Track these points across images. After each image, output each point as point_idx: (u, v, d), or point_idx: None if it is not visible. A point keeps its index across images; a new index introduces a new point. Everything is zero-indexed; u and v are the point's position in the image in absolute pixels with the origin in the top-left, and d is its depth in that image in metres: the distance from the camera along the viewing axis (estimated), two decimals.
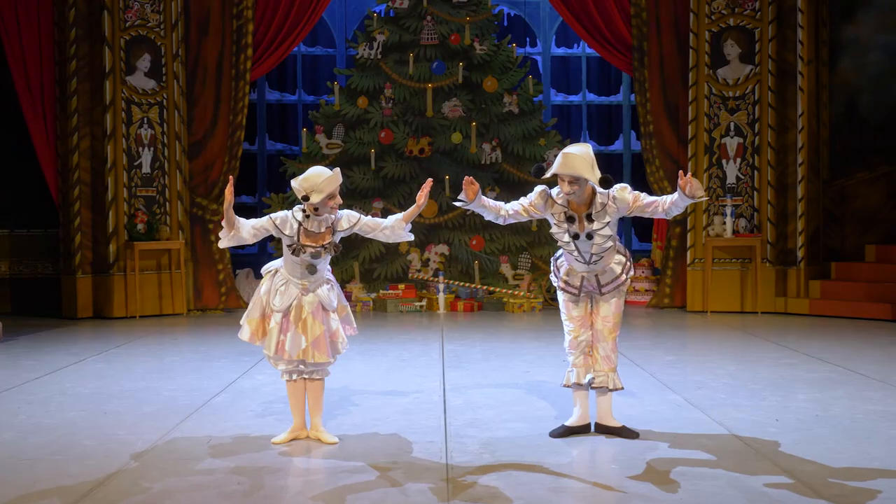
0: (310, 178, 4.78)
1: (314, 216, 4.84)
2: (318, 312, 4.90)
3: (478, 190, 4.95)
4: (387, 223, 4.97)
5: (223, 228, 4.90)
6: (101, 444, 4.93)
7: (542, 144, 11.19)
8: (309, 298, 4.91)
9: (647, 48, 10.74)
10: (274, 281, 4.95)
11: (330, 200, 4.80)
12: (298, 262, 4.88)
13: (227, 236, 4.90)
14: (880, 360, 7.24)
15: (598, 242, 4.83)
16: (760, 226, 10.39)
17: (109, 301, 10.17)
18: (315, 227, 4.84)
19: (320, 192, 4.75)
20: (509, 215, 5.01)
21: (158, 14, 10.38)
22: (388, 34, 11.29)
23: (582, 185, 4.75)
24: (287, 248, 4.89)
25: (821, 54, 10.49)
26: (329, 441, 4.93)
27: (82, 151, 10.18)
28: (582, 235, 4.82)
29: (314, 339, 4.87)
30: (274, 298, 4.91)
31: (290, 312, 4.89)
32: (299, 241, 4.84)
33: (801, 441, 4.87)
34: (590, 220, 4.80)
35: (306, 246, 4.83)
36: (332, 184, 4.76)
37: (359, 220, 4.96)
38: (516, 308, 10.55)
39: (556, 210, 4.88)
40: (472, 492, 4.10)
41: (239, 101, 10.72)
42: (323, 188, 4.74)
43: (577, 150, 4.73)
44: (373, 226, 4.97)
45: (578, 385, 5.05)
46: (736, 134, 10.44)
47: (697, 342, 8.64)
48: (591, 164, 4.72)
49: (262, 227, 4.91)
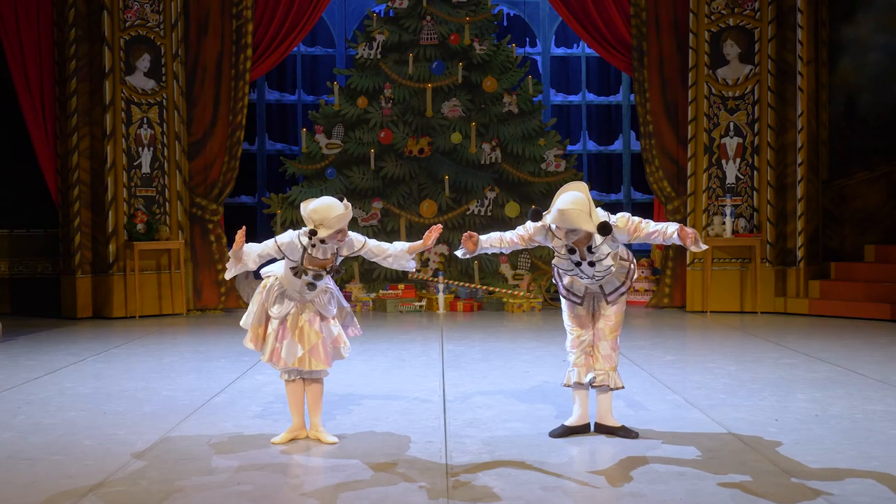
0: (320, 212, 4.70)
1: (320, 245, 4.80)
2: (315, 320, 4.89)
3: (477, 241, 4.89)
4: (391, 251, 4.95)
5: (230, 260, 4.89)
6: (101, 444, 4.93)
7: (541, 144, 11.19)
8: (306, 307, 4.90)
9: (647, 48, 10.74)
10: (271, 287, 4.94)
11: (338, 235, 4.77)
12: (297, 278, 4.86)
13: (233, 268, 4.90)
14: (880, 360, 7.24)
15: (601, 269, 4.82)
16: (760, 226, 10.39)
17: (109, 301, 10.17)
18: (321, 254, 4.81)
19: (329, 228, 4.69)
20: (509, 245, 4.96)
21: (158, 14, 10.38)
22: (388, 34, 11.29)
23: (580, 232, 4.69)
24: (289, 269, 4.86)
25: (820, 54, 10.49)
26: (328, 441, 4.93)
27: (82, 151, 10.18)
28: (584, 262, 4.81)
29: (311, 348, 4.86)
30: (272, 307, 4.90)
31: (286, 320, 4.89)
32: (303, 264, 4.82)
33: (801, 441, 4.87)
34: (590, 251, 4.77)
35: (309, 269, 4.82)
36: (342, 221, 4.71)
37: (364, 244, 4.94)
38: (516, 308, 10.55)
39: (557, 243, 4.83)
40: (472, 491, 4.10)
41: (238, 101, 10.72)
42: (332, 225, 4.69)
43: (572, 204, 4.59)
44: (377, 252, 4.95)
45: (579, 384, 5.05)
46: (735, 134, 10.44)
47: (697, 342, 8.65)
48: (588, 211, 4.63)
49: (267, 254, 4.90)
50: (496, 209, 11.18)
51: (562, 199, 4.66)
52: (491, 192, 11.17)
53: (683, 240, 4.67)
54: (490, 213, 11.18)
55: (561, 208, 4.61)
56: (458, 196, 11.23)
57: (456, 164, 11.26)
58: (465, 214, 11.17)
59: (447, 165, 11.25)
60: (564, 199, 4.65)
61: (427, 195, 11.22)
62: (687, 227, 4.72)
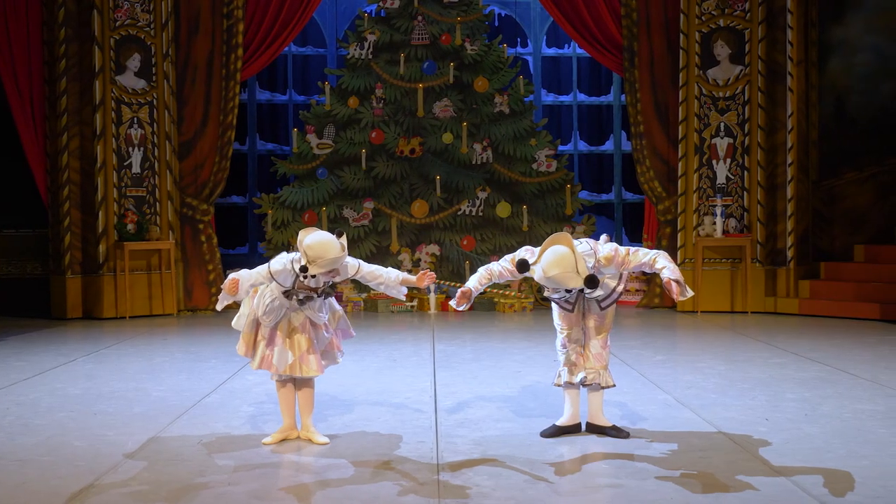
0: (315, 249, 4.64)
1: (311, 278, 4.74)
2: (306, 326, 4.89)
3: (471, 294, 4.85)
4: (384, 279, 4.93)
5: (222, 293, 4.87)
6: (91, 444, 4.91)
7: (532, 144, 11.20)
8: (296, 314, 4.89)
9: (638, 48, 10.76)
10: (262, 294, 4.92)
11: (328, 274, 4.75)
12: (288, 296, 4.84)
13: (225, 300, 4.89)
14: (869, 359, 7.27)
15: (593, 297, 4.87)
16: (750, 226, 10.43)
17: (99, 301, 10.14)
18: (313, 283, 4.77)
19: (321, 267, 4.66)
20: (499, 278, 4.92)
21: (148, 13, 10.35)
22: (379, 34, 11.28)
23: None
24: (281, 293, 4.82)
25: (810, 55, 10.53)
26: (319, 441, 4.92)
27: (72, 151, 10.15)
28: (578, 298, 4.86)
29: (301, 354, 4.86)
30: (262, 314, 4.89)
31: (277, 326, 4.88)
32: (294, 288, 4.80)
33: (791, 440, 4.89)
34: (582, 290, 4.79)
35: (300, 292, 4.81)
36: (335, 264, 4.69)
37: (357, 269, 4.91)
38: (507, 308, 10.56)
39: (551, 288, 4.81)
40: (463, 491, 4.10)
41: (229, 101, 10.69)
42: (325, 266, 4.66)
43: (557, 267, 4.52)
44: (370, 277, 4.93)
45: (570, 384, 5.06)
46: (726, 134, 10.47)
47: (688, 342, 8.67)
48: (574, 267, 4.55)
49: (260, 282, 4.86)
50: (487, 209, 11.19)
51: (547, 260, 4.59)
52: (482, 192, 11.18)
53: (669, 292, 4.69)
54: (481, 213, 11.19)
55: (547, 274, 4.55)
56: (449, 196, 11.24)
57: (447, 165, 11.26)
58: (457, 214, 11.17)
59: (438, 165, 11.25)
60: (549, 260, 4.58)
61: (418, 195, 11.22)
62: (672, 278, 4.64)
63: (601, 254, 4.76)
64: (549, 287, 4.74)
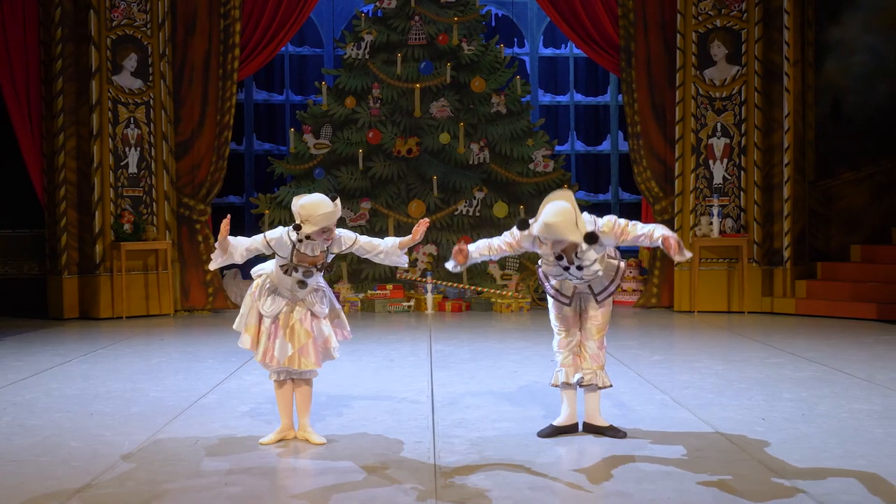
0: (308, 208, 4.70)
1: (308, 242, 4.80)
2: (307, 319, 4.89)
3: (467, 253, 4.87)
4: (383, 247, 4.94)
5: (216, 251, 4.87)
6: (88, 445, 4.91)
7: (529, 145, 11.21)
8: (297, 308, 4.90)
9: (635, 49, 10.77)
10: (263, 287, 4.94)
11: (323, 234, 4.77)
12: (288, 276, 4.85)
13: (219, 258, 4.88)
14: (865, 359, 7.29)
15: (589, 273, 4.83)
16: (747, 226, 10.44)
17: (96, 301, 10.12)
18: (309, 250, 4.81)
19: (314, 224, 4.69)
20: (498, 253, 4.97)
21: (145, 13, 10.34)
22: (376, 34, 11.28)
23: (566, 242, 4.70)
24: (279, 268, 4.85)
25: (807, 55, 10.55)
26: (317, 442, 4.92)
27: (68, 151, 10.13)
28: (572, 267, 4.82)
29: (301, 347, 4.86)
30: (263, 305, 4.89)
31: (278, 318, 4.88)
32: (292, 261, 4.81)
33: (788, 440, 4.89)
34: (578, 256, 4.78)
35: (299, 266, 4.81)
36: (327, 220, 4.71)
37: (355, 241, 4.93)
38: (504, 308, 10.57)
39: (545, 250, 4.84)
40: (460, 491, 4.10)
41: (226, 101, 10.68)
42: (318, 222, 4.69)
43: (557, 216, 4.56)
44: (368, 248, 4.95)
45: (567, 384, 5.06)
46: (723, 134, 10.48)
47: (684, 342, 8.68)
48: (574, 221, 4.60)
49: (255, 249, 4.89)
50: (484, 209, 11.19)
51: (547, 211, 4.63)
52: (479, 192, 11.18)
53: (667, 249, 4.68)
54: (478, 214, 11.19)
55: (547, 221, 4.59)
56: (446, 196, 11.24)
57: (444, 165, 11.26)
58: (454, 215, 11.17)
59: (435, 166, 11.25)
60: (550, 211, 4.62)
61: (415, 195, 11.22)
62: (671, 236, 4.70)
63: (601, 222, 4.77)
64: (548, 240, 4.68)
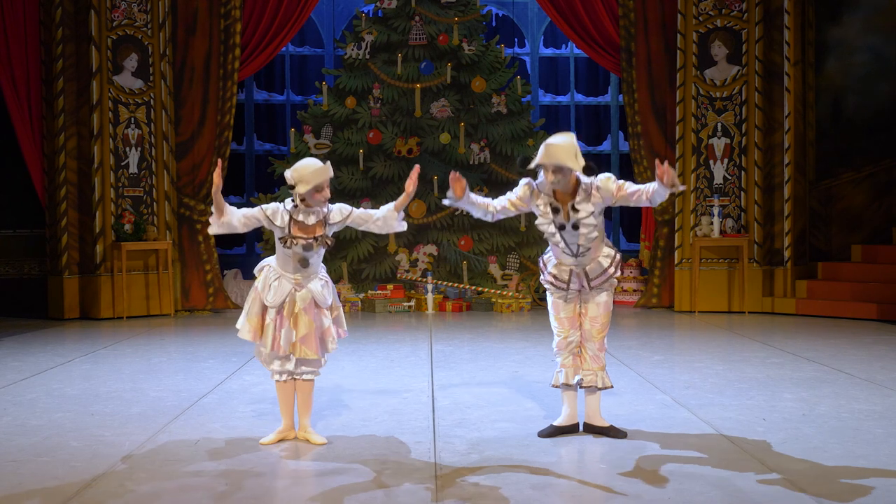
0: (299, 170, 4.81)
1: (304, 208, 4.84)
2: (311, 309, 4.89)
3: (465, 186, 4.91)
4: (378, 214, 5.01)
5: (213, 214, 4.91)
6: (88, 445, 4.91)
7: (530, 145, 11.21)
8: (302, 294, 4.90)
9: (635, 49, 10.77)
10: (266, 276, 4.96)
11: (317, 193, 4.82)
12: (290, 256, 4.88)
13: (216, 222, 4.93)
14: (866, 359, 7.29)
15: (585, 233, 4.84)
16: (747, 226, 10.44)
17: (96, 302, 10.13)
18: (306, 218, 4.84)
19: (307, 183, 4.78)
20: (497, 211, 5.01)
21: (146, 14, 10.34)
22: (377, 34, 11.28)
23: (566, 174, 4.77)
24: (279, 242, 4.90)
25: (807, 55, 10.55)
26: (317, 442, 4.92)
27: (69, 151, 10.14)
28: (568, 226, 4.84)
29: (303, 335, 4.86)
30: (267, 295, 4.90)
31: (283, 308, 4.89)
32: (290, 232, 4.84)
33: (788, 440, 4.89)
34: (574, 210, 4.82)
35: (297, 238, 4.84)
36: (318, 176, 4.78)
37: (350, 212, 4.99)
38: (504, 308, 10.56)
39: (542, 201, 4.89)
40: (461, 491, 4.10)
41: (227, 102, 10.69)
42: (309, 180, 4.77)
43: (559, 141, 4.76)
44: (365, 218, 5.00)
45: (567, 385, 5.06)
46: (723, 134, 10.48)
47: (685, 342, 8.67)
48: (575, 152, 4.75)
49: (252, 217, 4.93)
50: None
51: (549, 139, 4.83)
52: (480, 192, 11.17)
53: (660, 178, 4.68)
54: None
55: (548, 142, 4.76)
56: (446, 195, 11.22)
57: (445, 165, 11.26)
58: (454, 214, 11.17)
59: (436, 166, 11.26)
60: (552, 138, 4.82)
61: (416, 195, 11.21)
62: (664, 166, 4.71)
63: (598, 180, 4.85)
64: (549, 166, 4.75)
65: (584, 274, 4.96)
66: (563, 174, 4.76)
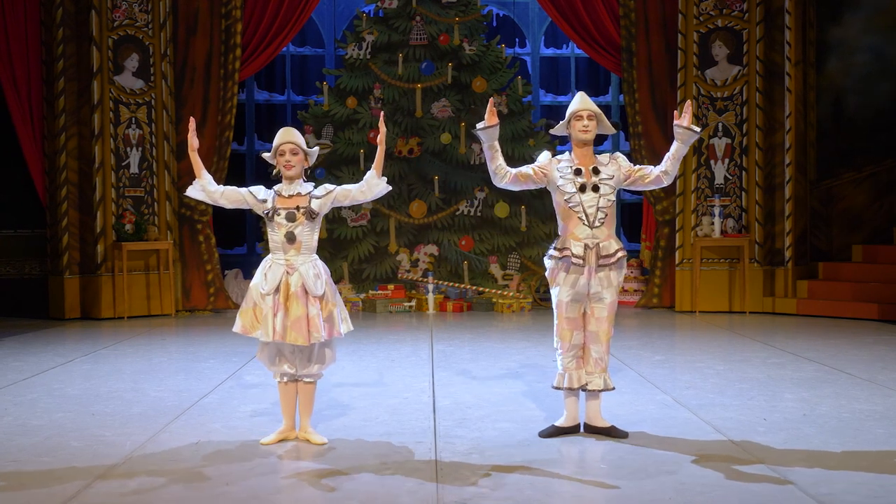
0: (276, 138, 5.01)
1: (287, 185, 4.96)
2: (302, 295, 4.88)
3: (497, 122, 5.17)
4: (357, 187, 5.08)
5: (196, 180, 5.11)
6: (89, 445, 4.91)
7: (531, 145, 11.21)
8: (294, 279, 4.89)
9: (636, 49, 10.77)
10: (262, 266, 4.98)
11: (279, 157, 4.97)
12: (277, 233, 4.90)
13: (196, 185, 5.10)
14: (867, 359, 7.28)
15: (605, 193, 4.98)
16: (748, 226, 10.43)
17: (97, 302, 10.13)
18: (287, 190, 4.95)
19: (277, 142, 4.99)
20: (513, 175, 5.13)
21: (146, 14, 10.34)
22: (378, 34, 11.28)
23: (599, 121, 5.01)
24: (266, 220, 4.98)
25: (808, 55, 10.54)
26: (318, 442, 4.92)
27: (70, 151, 10.14)
28: (588, 187, 4.97)
29: (293, 321, 4.84)
30: (262, 283, 4.91)
31: (278, 293, 4.89)
32: (274, 205, 4.92)
33: (789, 440, 4.89)
34: (596, 172, 4.99)
35: (280, 209, 4.88)
36: (285, 135, 4.99)
37: (332, 190, 5.05)
38: (505, 308, 10.56)
39: (564, 164, 5.07)
40: (461, 492, 4.10)
41: (227, 102, 10.69)
42: (278, 139, 4.99)
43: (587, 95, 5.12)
44: (346, 193, 5.06)
45: (570, 389, 5.06)
46: (724, 134, 10.48)
47: (686, 342, 8.67)
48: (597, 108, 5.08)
49: (236, 193, 5.07)
50: (486, 209, 11.19)
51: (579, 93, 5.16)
52: (480, 192, 11.18)
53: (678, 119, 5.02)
54: (480, 214, 11.19)
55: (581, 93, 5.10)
56: (447, 196, 11.24)
57: (445, 165, 11.26)
58: (455, 214, 11.18)
59: (437, 166, 11.26)
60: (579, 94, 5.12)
61: (417, 195, 11.22)
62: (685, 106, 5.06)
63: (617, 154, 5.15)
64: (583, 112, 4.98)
65: (595, 251, 4.96)
66: (596, 121, 5.01)
